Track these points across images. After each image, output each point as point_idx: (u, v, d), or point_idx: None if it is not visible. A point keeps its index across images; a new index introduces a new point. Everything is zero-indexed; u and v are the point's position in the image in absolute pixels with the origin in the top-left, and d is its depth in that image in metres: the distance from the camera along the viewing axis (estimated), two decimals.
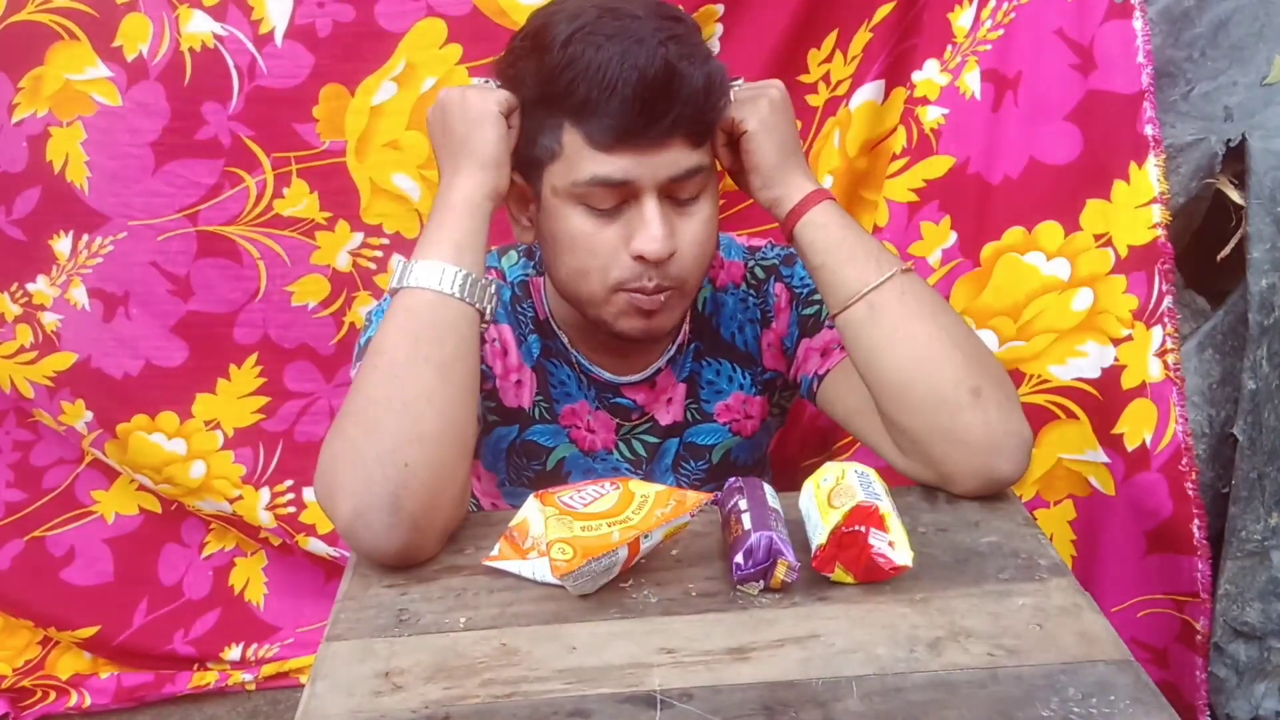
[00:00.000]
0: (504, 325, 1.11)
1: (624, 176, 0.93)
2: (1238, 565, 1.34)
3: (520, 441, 1.14)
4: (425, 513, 0.89)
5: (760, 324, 1.14)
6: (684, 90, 0.92)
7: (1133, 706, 0.73)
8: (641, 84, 0.90)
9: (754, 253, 1.16)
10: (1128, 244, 1.31)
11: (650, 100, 0.91)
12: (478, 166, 0.96)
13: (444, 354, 0.92)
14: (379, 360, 0.92)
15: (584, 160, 0.94)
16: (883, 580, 0.87)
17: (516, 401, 1.13)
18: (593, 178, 0.94)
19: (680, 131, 0.94)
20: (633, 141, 0.92)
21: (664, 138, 0.93)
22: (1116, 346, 1.34)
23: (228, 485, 1.67)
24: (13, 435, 1.70)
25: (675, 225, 0.97)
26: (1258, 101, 1.33)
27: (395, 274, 0.95)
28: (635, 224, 0.96)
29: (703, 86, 0.93)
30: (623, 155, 0.93)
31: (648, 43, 0.90)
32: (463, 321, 0.93)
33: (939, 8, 1.42)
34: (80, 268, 1.55)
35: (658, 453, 1.16)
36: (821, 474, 0.91)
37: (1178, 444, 1.30)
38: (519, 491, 1.17)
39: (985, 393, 0.95)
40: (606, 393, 1.13)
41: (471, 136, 0.96)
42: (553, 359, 1.12)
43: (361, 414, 0.91)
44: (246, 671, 1.81)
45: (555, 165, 0.96)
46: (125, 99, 1.47)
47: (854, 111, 1.50)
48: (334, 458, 0.91)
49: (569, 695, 0.76)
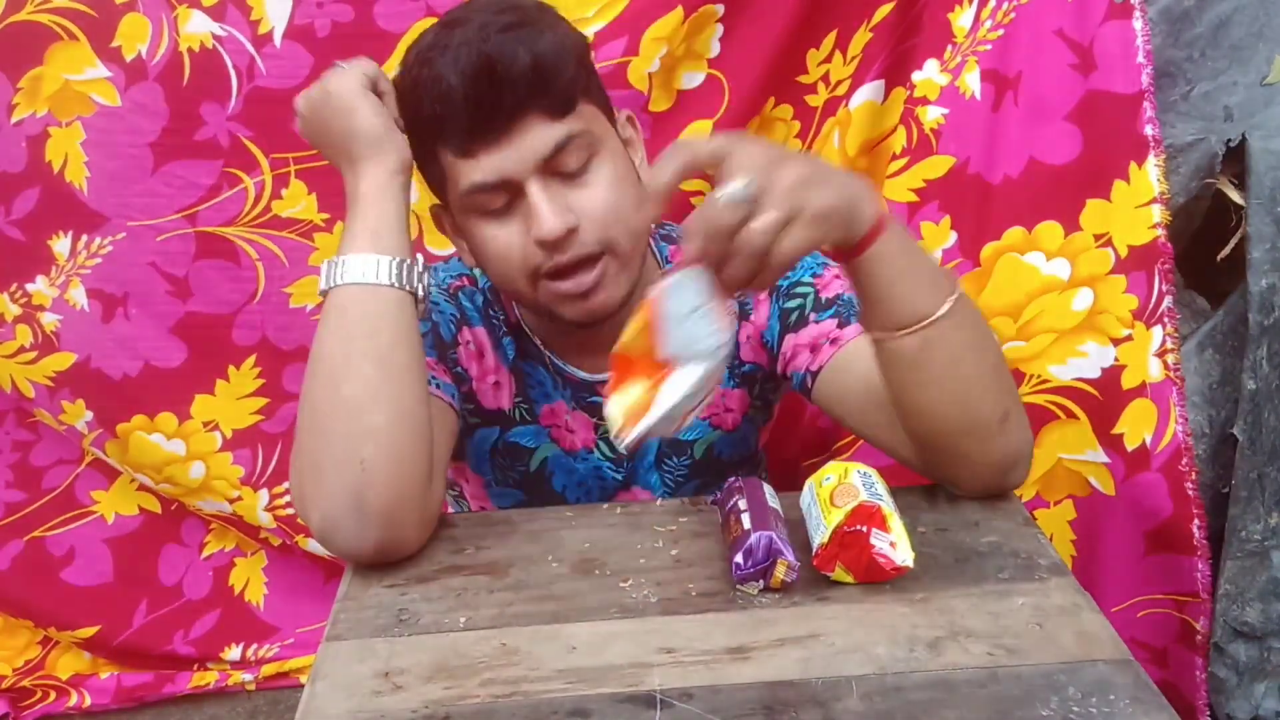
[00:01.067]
0: (479, 328, 1.11)
1: (496, 176, 0.94)
2: (1238, 565, 1.34)
3: (502, 443, 1.14)
4: (393, 506, 0.89)
5: (738, 316, 1.14)
6: (511, 73, 0.91)
7: (1132, 706, 0.73)
8: (466, 83, 0.90)
9: None
10: (1128, 244, 1.32)
11: (479, 95, 0.91)
12: (367, 147, 0.94)
13: (380, 345, 0.91)
14: (318, 367, 0.92)
15: (458, 172, 0.95)
16: (883, 580, 0.87)
17: (496, 403, 1.13)
18: (470, 186, 0.94)
19: (530, 110, 0.92)
20: (487, 138, 0.92)
21: (512, 123, 0.92)
22: (1116, 346, 1.34)
23: (227, 486, 1.68)
24: (13, 435, 1.70)
25: (569, 199, 0.95)
26: (1258, 101, 1.33)
27: (322, 278, 0.94)
28: (529, 214, 0.95)
29: (530, 62, 0.91)
30: (485, 155, 0.93)
31: (472, 43, 0.90)
32: (395, 308, 0.92)
33: (939, 8, 1.42)
34: (79, 268, 1.55)
35: (639, 450, 1.16)
36: (824, 473, 0.91)
37: (1178, 444, 1.30)
38: (507, 492, 1.17)
39: (1011, 416, 0.92)
40: (582, 391, 1.13)
41: (353, 124, 0.94)
42: (528, 360, 1.12)
43: (310, 423, 0.91)
44: (246, 671, 1.81)
45: (447, 185, 0.98)
46: (124, 99, 1.47)
47: (853, 111, 1.50)
48: (296, 472, 0.92)
49: (569, 695, 0.76)
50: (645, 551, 0.93)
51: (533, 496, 1.18)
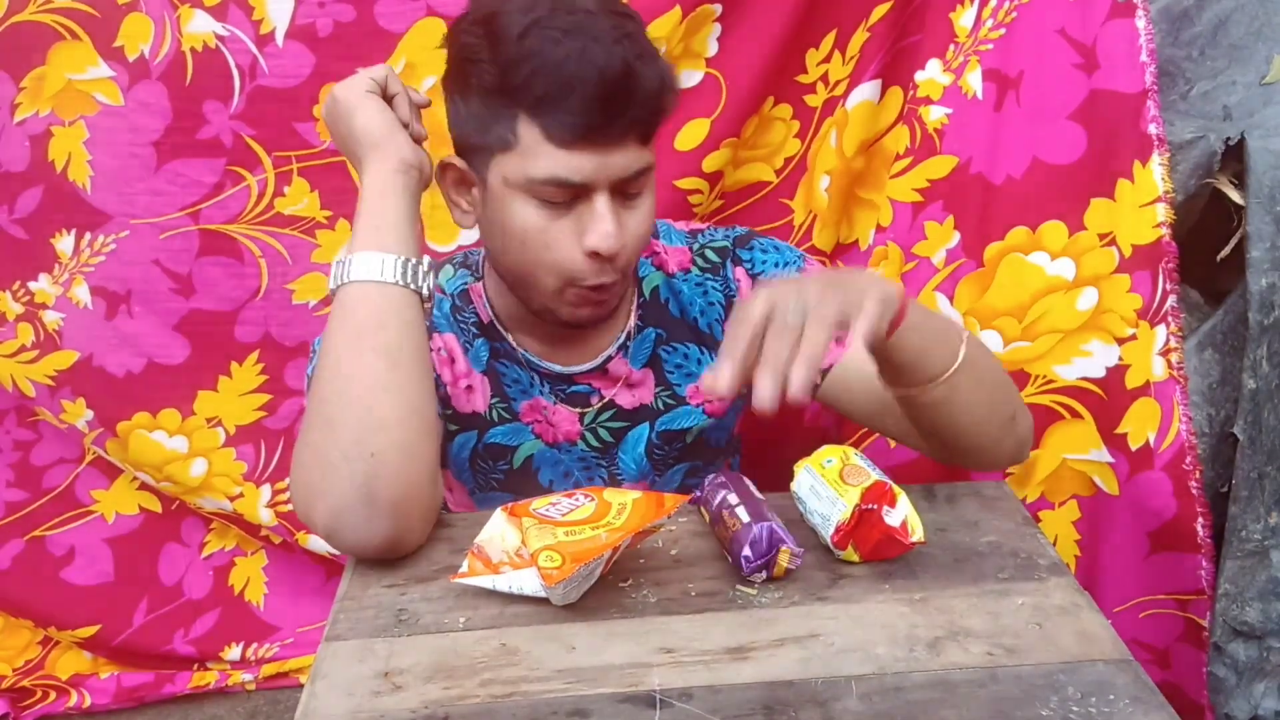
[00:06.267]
0: (448, 334, 1.11)
1: (582, 178, 0.93)
2: (1237, 565, 1.34)
3: (482, 446, 1.14)
4: (402, 498, 0.90)
5: (724, 306, 1.15)
6: (640, 91, 0.92)
7: (1132, 706, 0.73)
8: (601, 82, 0.90)
9: (696, 235, 1.16)
10: (1132, 243, 1.31)
11: (610, 100, 0.90)
12: (372, 148, 0.96)
13: (388, 339, 0.91)
14: (325, 361, 0.92)
15: (541, 156, 0.93)
16: (888, 559, 0.88)
17: (470, 407, 1.13)
18: (551, 177, 0.93)
19: (635, 131, 0.94)
20: (592, 139, 0.92)
21: (621, 137, 0.93)
22: (1120, 346, 1.34)
23: (229, 483, 1.68)
24: (13, 435, 1.70)
25: (623, 220, 0.97)
26: (1257, 101, 1.33)
27: (332, 278, 0.95)
28: (586, 219, 0.95)
29: (657, 87, 0.93)
30: (581, 153, 0.92)
31: (604, 40, 0.90)
32: (402, 305, 0.93)
33: (941, 7, 1.42)
34: (82, 266, 1.56)
35: (625, 438, 1.16)
36: (822, 456, 0.92)
37: (1181, 443, 1.30)
38: (490, 497, 1.17)
39: (1018, 415, 1.03)
40: (561, 384, 1.13)
41: (354, 126, 0.97)
42: (502, 360, 1.12)
43: (318, 416, 0.91)
44: (246, 671, 1.82)
45: (508, 155, 0.95)
46: (127, 98, 1.47)
47: (851, 111, 1.50)
48: (302, 466, 0.92)
49: (569, 695, 0.76)
50: (644, 551, 0.93)
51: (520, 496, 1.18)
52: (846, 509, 0.86)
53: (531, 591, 0.85)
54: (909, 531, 0.87)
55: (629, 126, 0.93)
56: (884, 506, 0.87)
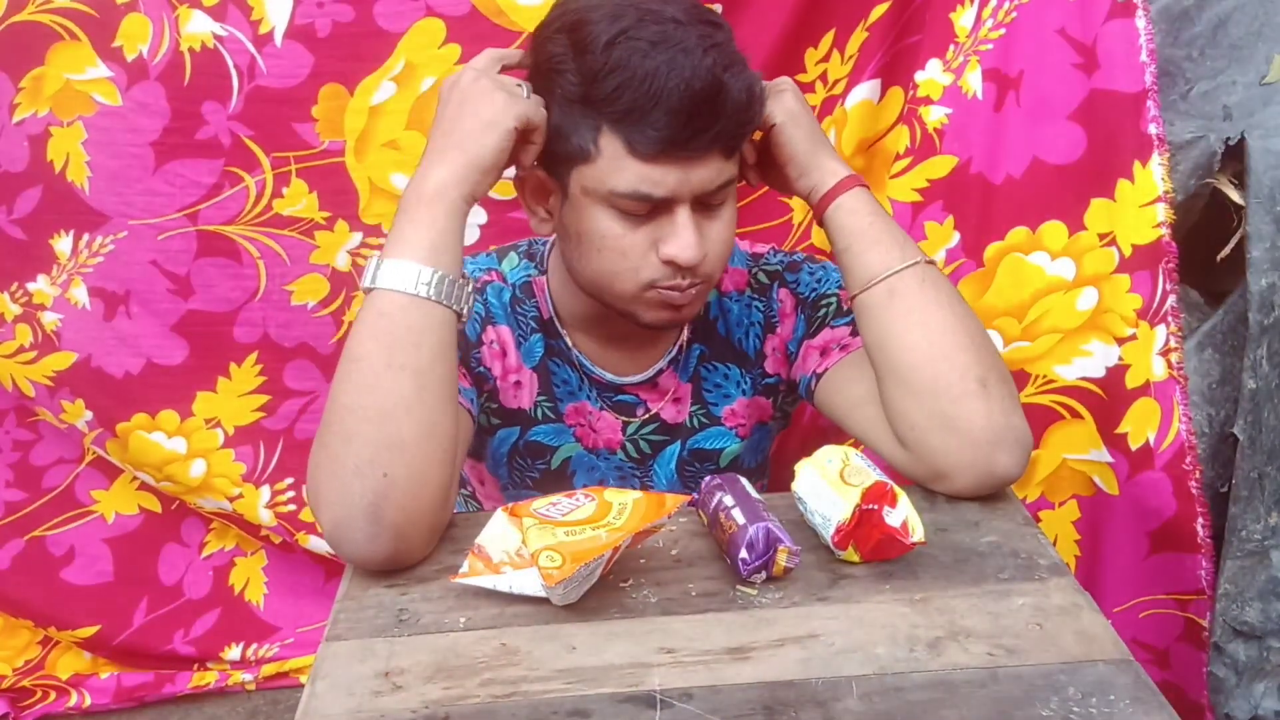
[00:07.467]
0: (503, 326, 1.10)
1: (665, 193, 0.92)
2: (1237, 565, 1.34)
3: (524, 443, 1.14)
4: (408, 520, 0.88)
5: (764, 328, 1.15)
6: (728, 104, 0.90)
7: (1132, 706, 0.73)
8: (689, 97, 0.88)
9: (757, 259, 1.16)
10: (1132, 243, 1.31)
11: (696, 114, 0.89)
12: (465, 166, 0.91)
13: (420, 359, 0.88)
14: (353, 367, 0.89)
15: (624, 169, 0.92)
16: (888, 559, 0.88)
17: (516, 403, 1.12)
18: (634, 191, 0.92)
19: (720, 145, 0.93)
20: (675, 153, 0.91)
21: (705, 150, 0.92)
22: (1121, 346, 1.34)
23: (228, 484, 1.68)
24: (13, 435, 1.70)
25: (704, 230, 0.96)
26: (1257, 101, 1.33)
27: (368, 272, 0.91)
28: (666, 229, 0.95)
29: (745, 100, 0.92)
30: (664, 166, 0.91)
31: (693, 52, 0.88)
32: (439, 324, 0.90)
33: (941, 7, 1.42)
34: (81, 267, 1.56)
35: (661, 452, 1.16)
36: (823, 456, 0.92)
37: (1181, 442, 1.30)
38: (523, 494, 1.17)
39: (990, 386, 0.95)
40: (608, 392, 1.13)
41: (474, 135, 0.91)
42: (555, 359, 1.12)
43: (339, 424, 0.89)
44: (246, 671, 1.82)
45: (589, 166, 0.94)
46: (125, 99, 1.47)
47: (850, 110, 1.50)
48: (316, 468, 0.90)
49: (569, 695, 0.76)
50: (645, 551, 0.93)
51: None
52: (847, 509, 0.86)
53: (532, 591, 0.85)
54: (909, 532, 0.87)
55: (714, 140, 0.92)
56: (884, 507, 0.87)
